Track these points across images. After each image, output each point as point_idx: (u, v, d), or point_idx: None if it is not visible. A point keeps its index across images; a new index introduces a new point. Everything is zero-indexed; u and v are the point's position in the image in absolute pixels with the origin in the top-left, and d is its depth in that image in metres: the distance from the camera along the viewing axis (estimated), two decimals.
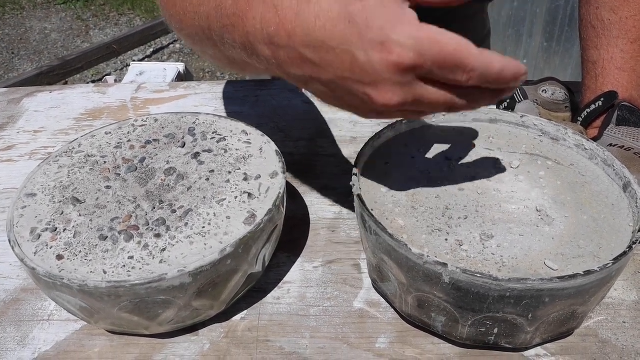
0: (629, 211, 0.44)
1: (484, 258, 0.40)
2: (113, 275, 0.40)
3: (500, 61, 0.33)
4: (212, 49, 0.46)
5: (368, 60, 0.32)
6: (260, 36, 0.37)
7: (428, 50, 0.32)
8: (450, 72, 0.33)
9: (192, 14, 0.45)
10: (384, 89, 0.34)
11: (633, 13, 0.61)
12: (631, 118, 0.58)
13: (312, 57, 0.34)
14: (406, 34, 0.32)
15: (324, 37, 0.33)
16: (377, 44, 0.32)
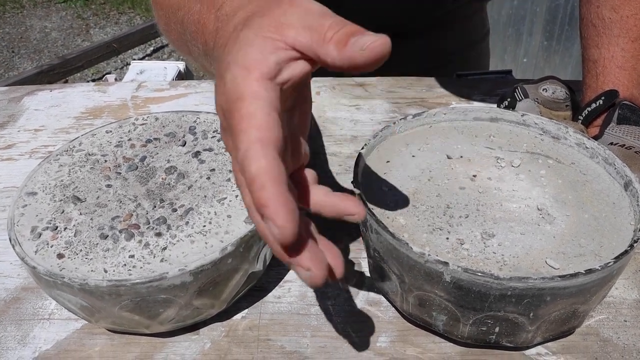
0: (630, 210, 0.44)
1: (485, 257, 0.40)
2: (114, 274, 0.40)
3: (266, 183, 0.26)
4: (188, 55, 0.46)
5: (220, 82, 0.30)
6: (207, 48, 0.36)
7: (233, 110, 0.28)
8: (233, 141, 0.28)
9: (173, 17, 0.45)
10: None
11: (634, 11, 0.61)
12: (632, 117, 0.57)
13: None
14: (232, 75, 0.29)
15: (219, 57, 0.32)
16: (219, 74, 0.30)
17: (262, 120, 0.27)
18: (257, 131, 0.26)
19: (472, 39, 0.95)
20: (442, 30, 0.88)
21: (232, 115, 0.28)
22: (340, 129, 0.72)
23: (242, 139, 0.27)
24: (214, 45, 0.35)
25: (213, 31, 0.36)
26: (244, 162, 0.26)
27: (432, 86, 0.80)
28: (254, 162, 0.26)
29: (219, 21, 0.35)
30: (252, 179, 0.26)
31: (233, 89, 0.28)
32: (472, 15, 0.92)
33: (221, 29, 0.34)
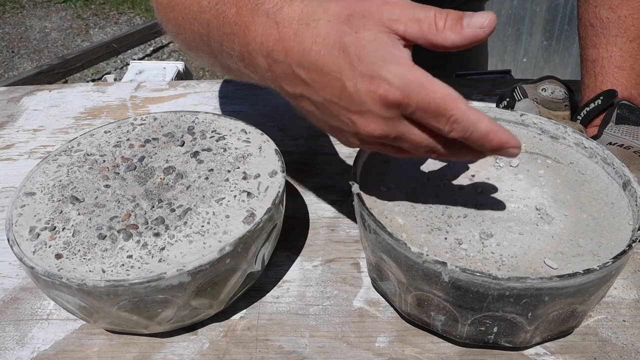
0: (629, 209, 0.44)
1: (483, 257, 0.40)
2: (112, 274, 0.40)
3: (488, 125, 0.34)
4: (208, 56, 0.46)
5: (356, 90, 0.34)
6: (259, 48, 0.38)
7: (415, 92, 0.33)
8: (433, 119, 0.34)
9: (191, 20, 0.46)
10: (369, 119, 0.35)
11: (632, 11, 0.60)
12: (630, 116, 0.57)
13: (305, 77, 0.36)
14: (395, 72, 0.33)
15: (318, 61, 0.35)
16: (367, 77, 0.34)
17: (455, 94, 0.34)
18: (462, 101, 0.33)
19: None
20: None
21: (422, 99, 0.33)
22: None
23: (456, 112, 0.33)
24: (281, 48, 0.36)
25: (264, 36, 0.37)
26: (470, 128, 0.34)
27: None
28: (481, 121, 0.34)
29: (279, 25, 0.36)
30: (485, 133, 0.34)
31: (409, 81, 0.33)
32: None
33: (300, 33, 0.35)
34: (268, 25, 0.37)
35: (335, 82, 0.35)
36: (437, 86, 0.33)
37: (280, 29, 0.36)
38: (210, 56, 0.46)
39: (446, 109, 0.33)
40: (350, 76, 0.34)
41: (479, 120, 0.34)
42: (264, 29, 0.37)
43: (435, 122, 0.34)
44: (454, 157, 0.38)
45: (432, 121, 0.34)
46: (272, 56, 0.37)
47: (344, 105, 0.35)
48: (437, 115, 0.34)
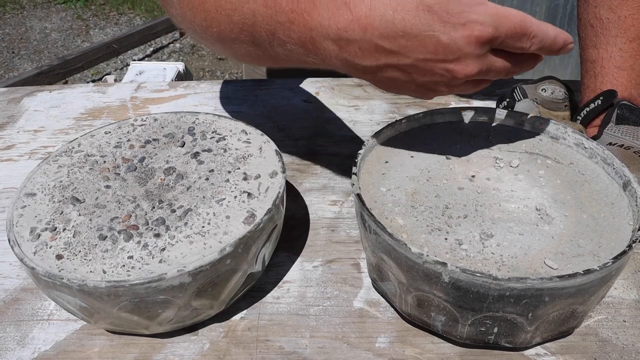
0: (629, 210, 0.44)
1: (483, 257, 0.40)
2: (112, 275, 0.40)
3: (554, 29, 0.40)
4: (249, 47, 0.47)
5: (452, 40, 0.37)
6: (326, 32, 0.39)
7: (502, 24, 0.37)
8: (518, 41, 0.38)
9: (229, 12, 0.46)
10: (466, 62, 0.39)
11: (631, 12, 0.61)
12: (630, 116, 0.58)
13: (390, 47, 0.38)
14: (483, 13, 0.37)
15: (405, 27, 0.37)
16: (460, 25, 0.37)
17: (523, 13, 0.39)
18: (532, 18, 0.38)
19: None
20: None
21: (514, 28, 0.38)
22: (340, 129, 0.72)
23: (533, 29, 0.39)
24: (360, 26, 0.38)
25: (344, 15, 0.38)
26: (545, 37, 0.39)
27: None
28: (549, 30, 0.39)
29: (356, 5, 0.38)
30: (554, 37, 0.40)
31: (496, 20, 0.37)
32: None
33: (375, 8, 0.38)
34: (335, 7, 0.39)
35: (428, 40, 0.37)
36: (513, 13, 0.38)
37: (352, 8, 0.38)
38: (252, 46, 0.47)
39: (526, 28, 0.38)
40: (443, 30, 0.37)
41: (547, 27, 0.39)
42: (331, 12, 0.39)
43: (520, 43, 0.39)
44: (520, 69, 0.42)
45: (517, 43, 0.39)
46: (345, 37, 0.39)
47: (440, 58, 0.38)
48: (521, 37, 0.38)
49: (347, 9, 0.38)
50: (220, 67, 3.27)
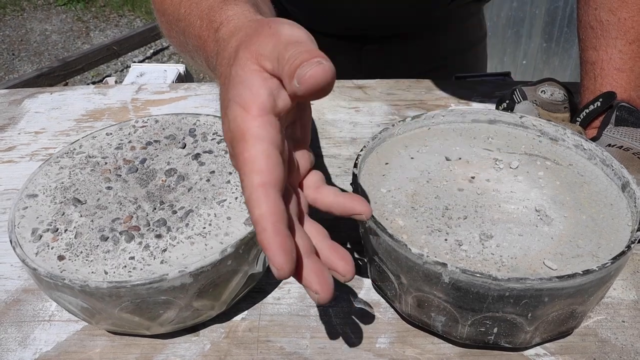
0: (628, 211, 0.44)
1: (483, 258, 0.41)
2: (114, 276, 0.40)
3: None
4: (190, 61, 0.48)
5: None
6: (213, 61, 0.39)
7: (234, 145, 0.31)
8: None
9: (175, 27, 0.48)
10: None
11: (631, 14, 0.61)
12: (629, 118, 0.58)
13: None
14: (231, 117, 0.31)
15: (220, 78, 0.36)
16: (223, 110, 0.33)
17: (263, 164, 0.29)
18: (259, 175, 0.29)
19: (469, 42, 0.96)
20: (439, 32, 0.89)
21: (236, 155, 0.30)
22: (340, 131, 0.72)
23: (246, 183, 0.29)
24: (217, 65, 0.36)
25: (214, 52, 0.38)
26: (248, 204, 0.29)
27: (431, 88, 0.81)
28: (256, 208, 0.29)
29: (218, 44, 0.37)
30: (256, 221, 0.29)
31: (235, 128, 0.30)
32: (469, 18, 0.93)
33: (220, 54, 0.36)
34: (213, 40, 0.38)
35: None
36: (247, 149, 0.30)
37: (218, 48, 0.37)
38: (192, 62, 0.48)
39: (242, 170, 0.30)
40: (221, 98, 0.34)
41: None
42: (213, 47, 0.39)
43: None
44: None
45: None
46: (214, 71, 0.38)
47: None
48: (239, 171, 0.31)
49: (215, 46, 0.38)
50: None
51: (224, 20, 0.38)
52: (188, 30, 0.43)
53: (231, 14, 0.38)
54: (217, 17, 0.39)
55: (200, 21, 0.41)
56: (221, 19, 0.38)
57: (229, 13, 0.38)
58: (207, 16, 0.40)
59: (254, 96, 0.30)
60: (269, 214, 0.28)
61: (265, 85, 0.31)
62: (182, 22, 0.45)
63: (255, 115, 0.30)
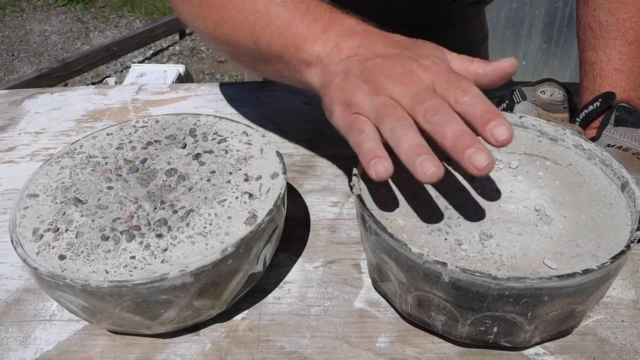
0: (627, 210, 0.45)
1: (483, 257, 0.41)
2: (115, 275, 0.40)
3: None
4: (247, 48, 0.52)
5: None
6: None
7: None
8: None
9: (241, 25, 0.52)
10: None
11: (630, 14, 0.61)
12: (629, 118, 0.58)
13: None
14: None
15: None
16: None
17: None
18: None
19: (470, 43, 0.96)
20: (441, 33, 0.89)
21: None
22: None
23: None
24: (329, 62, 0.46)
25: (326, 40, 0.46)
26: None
27: None
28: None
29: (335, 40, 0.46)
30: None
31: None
32: (470, 19, 0.93)
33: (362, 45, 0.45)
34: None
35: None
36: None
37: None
38: (249, 50, 0.52)
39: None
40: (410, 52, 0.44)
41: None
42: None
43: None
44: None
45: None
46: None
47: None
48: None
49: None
50: (220, 69, 3.28)
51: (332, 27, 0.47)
52: (268, 30, 0.48)
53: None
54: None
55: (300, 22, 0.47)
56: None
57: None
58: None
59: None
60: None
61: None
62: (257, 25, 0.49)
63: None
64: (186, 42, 3.55)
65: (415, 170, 0.36)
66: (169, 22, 3.28)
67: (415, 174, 0.37)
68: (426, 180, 0.36)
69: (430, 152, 0.37)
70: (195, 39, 3.57)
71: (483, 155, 0.35)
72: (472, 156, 0.36)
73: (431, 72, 0.41)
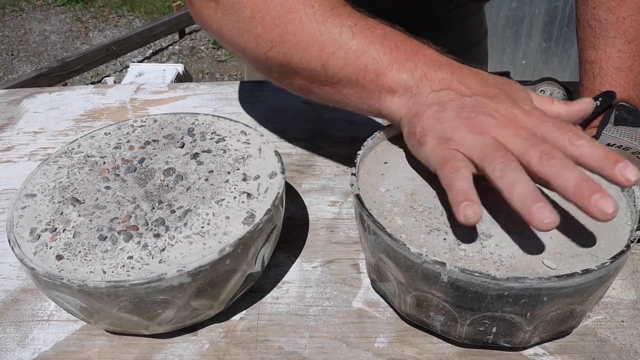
0: (627, 210, 0.44)
1: (482, 257, 0.41)
2: (112, 275, 0.40)
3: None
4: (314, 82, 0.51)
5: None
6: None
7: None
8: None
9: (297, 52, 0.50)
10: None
11: (630, 13, 0.61)
12: (629, 117, 0.58)
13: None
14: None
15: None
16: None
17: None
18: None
19: (470, 41, 0.96)
20: (440, 31, 0.89)
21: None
22: (339, 130, 0.72)
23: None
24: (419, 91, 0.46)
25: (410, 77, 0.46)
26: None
27: None
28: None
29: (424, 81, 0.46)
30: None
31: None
32: (469, 17, 0.92)
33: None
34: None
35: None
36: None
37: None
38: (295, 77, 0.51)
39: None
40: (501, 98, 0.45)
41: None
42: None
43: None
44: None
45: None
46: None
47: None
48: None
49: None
50: (219, 69, 3.28)
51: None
52: (342, 59, 0.47)
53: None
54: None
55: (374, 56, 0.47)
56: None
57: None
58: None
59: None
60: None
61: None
62: (327, 49, 0.48)
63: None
64: (186, 41, 3.55)
65: (532, 217, 0.36)
66: (168, 22, 3.28)
67: (531, 221, 0.36)
68: (543, 228, 0.36)
69: (545, 200, 0.37)
70: (195, 38, 3.57)
71: (611, 202, 0.36)
72: (600, 201, 0.36)
73: (534, 117, 0.42)
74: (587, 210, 0.36)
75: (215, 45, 3.45)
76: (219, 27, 0.53)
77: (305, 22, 0.48)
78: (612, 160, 0.38)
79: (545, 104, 0.46)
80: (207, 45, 3.48)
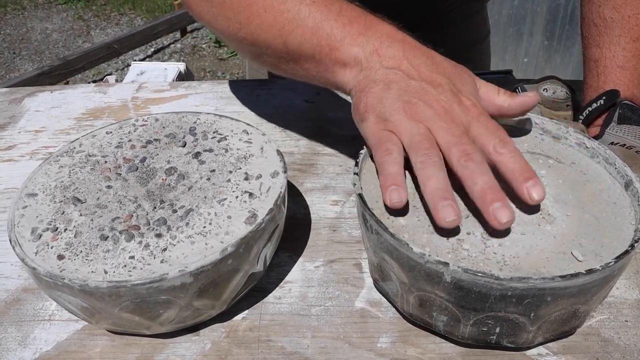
0: (631, 209, 0.44)
1: (485, 257, 0.40)
2: (114, 275, 0.40)
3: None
4: (277, 50, 0.52)
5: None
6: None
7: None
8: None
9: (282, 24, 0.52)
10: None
11: (635, 11, 0.60)
12: (633, 116, 0.57)
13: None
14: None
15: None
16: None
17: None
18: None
19: (472, 39, 0.95)
20: (443, 30, 0.88)
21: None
22: (341, 129, 0.72)
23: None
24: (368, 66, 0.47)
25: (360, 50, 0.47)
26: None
27: None
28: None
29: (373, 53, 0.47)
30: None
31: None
32: (472, 15, 0.92)
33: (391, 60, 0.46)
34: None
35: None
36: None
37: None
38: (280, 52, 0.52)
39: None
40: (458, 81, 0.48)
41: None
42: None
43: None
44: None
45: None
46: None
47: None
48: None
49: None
50: (221, 67, 3.28)
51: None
52: (306, 33, 0.49)
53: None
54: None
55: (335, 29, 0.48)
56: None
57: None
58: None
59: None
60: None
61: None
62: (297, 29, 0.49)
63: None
64: (187, 39, 3.55)
65: (436, 212, 0.39)
66: (170, 20, 3.28)
67: (436, 216, 0.39)
68: (444, 225, 0.39)
69: (454, 199, 0.39)
70: (197, 36, 3.56)
71: (507, 212, 0.39)
72: (498, 210, 0.39)
73: (471, 115, 0.44)
74: (484, 214, 0.40)
75: (217, 43, 3.45)
76: (199, 11, 0.57)
77: (267, 3, 0.50)
78: (525, 177, 0.40)
79: (491, 94, 0.48)
80: (209, 43, 3.48)
